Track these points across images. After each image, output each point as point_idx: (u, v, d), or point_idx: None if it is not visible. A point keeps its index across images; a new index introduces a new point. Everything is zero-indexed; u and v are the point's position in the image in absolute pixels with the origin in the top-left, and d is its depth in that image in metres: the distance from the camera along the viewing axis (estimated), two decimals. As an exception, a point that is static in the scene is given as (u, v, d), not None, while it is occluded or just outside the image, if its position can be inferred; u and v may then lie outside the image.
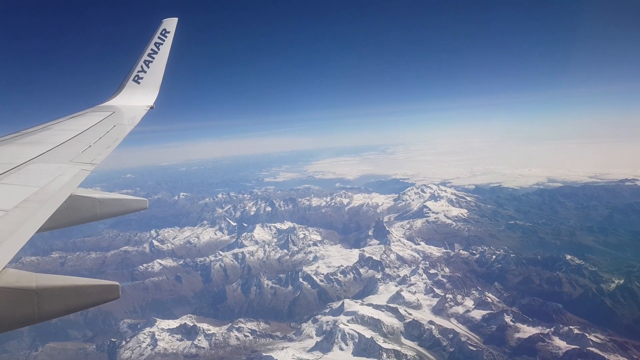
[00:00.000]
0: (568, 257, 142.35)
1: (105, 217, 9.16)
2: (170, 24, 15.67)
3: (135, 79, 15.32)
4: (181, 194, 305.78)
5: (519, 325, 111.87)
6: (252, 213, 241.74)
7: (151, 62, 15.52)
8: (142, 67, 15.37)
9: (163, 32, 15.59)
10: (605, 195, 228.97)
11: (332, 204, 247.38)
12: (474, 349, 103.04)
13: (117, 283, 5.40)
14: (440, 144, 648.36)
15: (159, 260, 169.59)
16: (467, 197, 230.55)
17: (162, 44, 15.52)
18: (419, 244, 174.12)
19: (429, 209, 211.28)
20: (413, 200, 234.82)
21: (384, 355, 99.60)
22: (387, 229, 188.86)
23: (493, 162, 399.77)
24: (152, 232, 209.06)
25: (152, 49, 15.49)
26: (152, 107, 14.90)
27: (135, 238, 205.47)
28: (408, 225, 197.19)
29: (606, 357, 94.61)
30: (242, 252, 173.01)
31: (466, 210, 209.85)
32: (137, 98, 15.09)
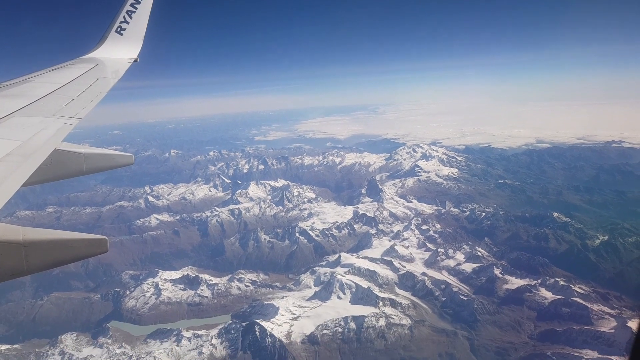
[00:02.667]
0: (555, 214, 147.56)
1: (91, 172, 9.20)
2: None
3: (118, 30, 14.75)
4: (172, 151, 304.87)
5: (507, 277, 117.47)
6: (245, 171, 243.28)
7: (134, 12, 14.90)
8: (124, 17, 14.71)
9: None
10: (592, 156, 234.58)
11: (325, 162, 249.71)
12: (465, 299, 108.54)
13: (105, 237, 5.54)
14: (430, 105, 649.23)
15: (155, 215, 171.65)
16: (457, 157, 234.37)
17: None
18: (411, 202, 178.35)
19: (421, 168, 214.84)
20: (404, 159, 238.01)
21: (380, 303, 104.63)
22: (380, 187, 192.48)
23: (482, 122, 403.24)
24: (146, 188, 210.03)
25: None
26: (135, 60, 14.48)
27: (130, 194, 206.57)
28: (400, 184, 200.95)
29: (589, 306, 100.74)
30: (238, 208, 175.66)
31: (457, 170, 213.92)
32: (120, 50, 14.58)
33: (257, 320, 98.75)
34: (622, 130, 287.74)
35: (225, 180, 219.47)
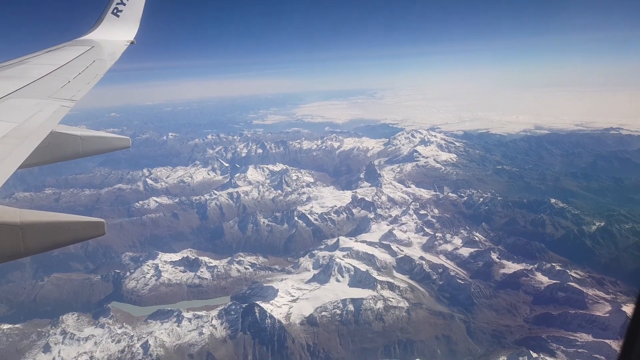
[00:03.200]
0: (552, 200, 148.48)
1: (87, 154, 9.14)
2: None
3: (114, 11, 14.57)
4: (169, 134, 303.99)
5: (504, 262, 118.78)
6: (243, 155, 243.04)
7: None
8: None
9: None
10: (590, 143, 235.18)
11: (323, 147, 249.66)
12: (462, 283, 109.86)
13: (102, 220, 5.56)
14: (429, 90, 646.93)
15: (154, 198, 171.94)
16: (456, 143, 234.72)
17: None
18: (409, 187, 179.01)
19: (419, 154, 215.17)
20: (403, 144, 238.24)
21: (379, 286, 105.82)
22: (379, 172, 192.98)
23: (481, 108, 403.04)
24: (145, 170, 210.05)
25: None
26: (132, 43, 14.26)
27: (128, 176, 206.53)
28: (398, 169, 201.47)
29: (585, 291, 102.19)
30: (237, 192, 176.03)
31: (455, 155, 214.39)
32: (116, 32, 14.36)
33: (257, 302, 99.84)
34: (620, 117, 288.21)
35: (224, 163, 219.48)
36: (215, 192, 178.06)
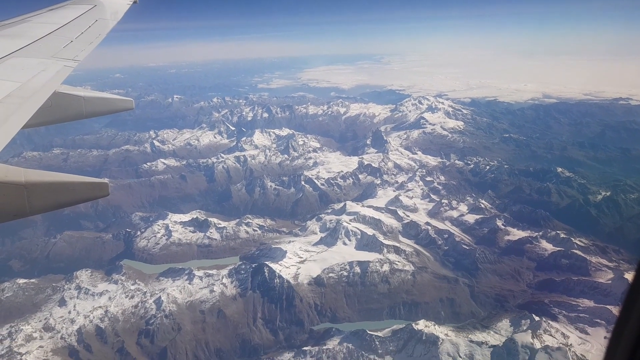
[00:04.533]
0: (559, 169, 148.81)
1: (91, 115, 9.16)
2: None
3: None
4: (175, 96, 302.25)
5: (509, 229, 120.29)
6: (249, 118, 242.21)
7: None
8: None
9: None
10: (599, 112, 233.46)
11: (329, 112, 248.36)
12: (467, 248, 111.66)
13: (106, 181, 5.61)
14: (436, 56, 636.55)
15: (162, 160, 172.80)
16: (463, 110, 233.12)
17: None
18: (415, 154, 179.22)
19: (426, 121, 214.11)
20: (410, 111, 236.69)
21: (385, 250, 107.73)
22: (385, 138, 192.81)
23: (489, 75, 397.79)
24: (151, 132, 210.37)
25: None
26: (134, 2, 14.13)
27: (135, 138, 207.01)
28: (405, 136, 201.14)
29: (588, 258, 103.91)
30: (244, 156, 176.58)
31: (462, 123, 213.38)
32: None
33: (266, 262, 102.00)
34: (629, 87, 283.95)
35: (230, 127, 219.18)
36: (222, 155, 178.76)
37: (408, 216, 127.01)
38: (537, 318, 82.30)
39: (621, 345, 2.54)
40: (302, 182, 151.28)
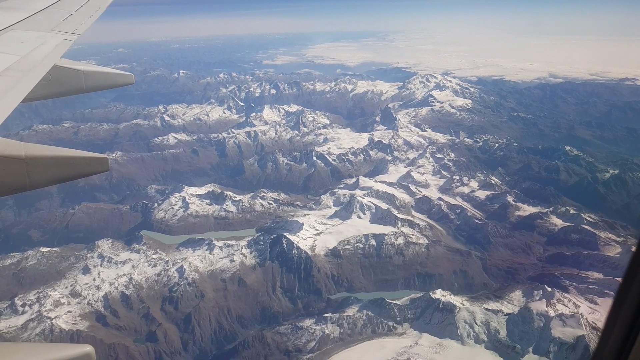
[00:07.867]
0: (567, 148, 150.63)
1: (91, 90, 9.06)
2: None
3: None
4: (181, 71, 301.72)
5: (519, 204, 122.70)
6: (256, 95, 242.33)
7: None
8: None
9: None
10: (605, 92, 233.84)
11: (337, 89, 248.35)
12: (479, 223, 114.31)
13: (106, 156, 5.64)
14: (441, 34, 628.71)
15: (173, 134, 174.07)
16: (470, 88, 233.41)
17: None
18: (425, 131, 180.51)
19: (435, 98, 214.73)
20: (418, 89, 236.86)
21: (399, 223, 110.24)
22: (394, 115, 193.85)
23: (495, 54, 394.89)
24: (160, 107, 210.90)
25: None
26: None
27: (144, 112, 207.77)
28: (414, 113, 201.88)
29: (597, 233, 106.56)
30: (255, 131, 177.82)
31: (470, 101, 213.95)
32: None
33: (284, 234, 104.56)
34: (636, 67, 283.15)
35: (239, 102, 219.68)
36: (233, 130, 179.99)
37: (420, 191, 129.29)
38: (549, 289, 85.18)
39: (622, 312, 2.77)
40: (314, 158, 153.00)
